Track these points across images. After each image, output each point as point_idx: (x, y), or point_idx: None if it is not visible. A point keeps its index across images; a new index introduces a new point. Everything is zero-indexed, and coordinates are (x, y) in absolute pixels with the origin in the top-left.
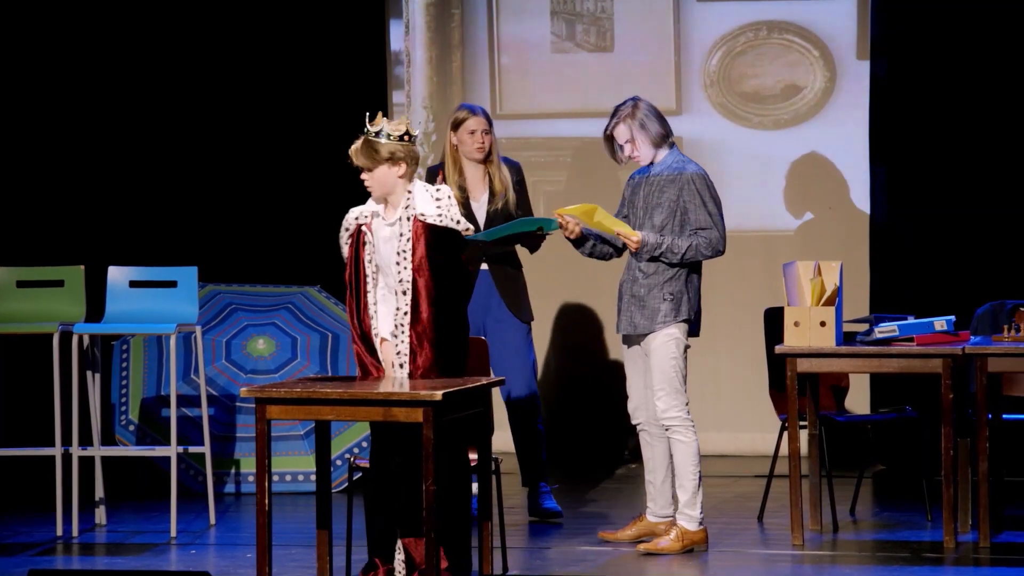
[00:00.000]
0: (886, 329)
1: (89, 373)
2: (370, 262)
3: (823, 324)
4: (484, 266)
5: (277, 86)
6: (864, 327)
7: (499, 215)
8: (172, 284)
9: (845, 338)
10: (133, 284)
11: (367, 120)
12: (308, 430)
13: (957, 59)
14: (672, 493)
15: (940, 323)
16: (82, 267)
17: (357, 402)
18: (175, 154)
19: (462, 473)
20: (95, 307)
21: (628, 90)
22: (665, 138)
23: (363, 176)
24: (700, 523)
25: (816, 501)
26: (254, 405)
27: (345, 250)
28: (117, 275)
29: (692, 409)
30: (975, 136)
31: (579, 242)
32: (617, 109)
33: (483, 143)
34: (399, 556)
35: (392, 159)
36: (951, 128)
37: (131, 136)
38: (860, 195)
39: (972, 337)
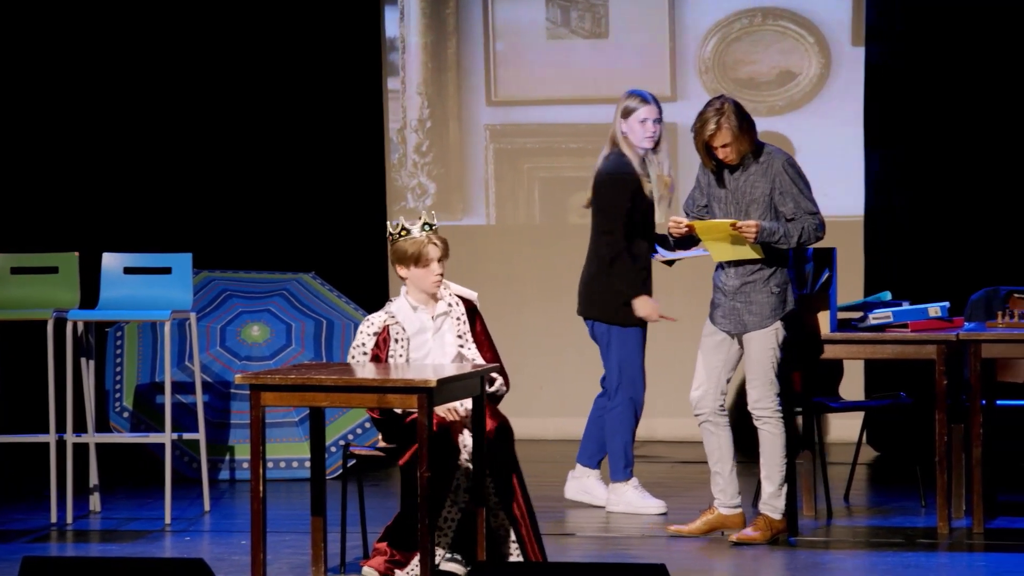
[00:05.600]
0: (880, 315)
1: (83, 360)
2: (394, 358)
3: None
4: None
5: (271, 73)
6: (858, 313)
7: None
8: (166, 271)
9: (839, 324)
10: (127, 271)
11: (405, 223)
12: (302, 417)
13: (952, 45)
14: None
15: (934, 309)
16: (76, 254)
17: (351, 389)
18: (169, 141)
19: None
20: (89, 294)
21: (623, 76)
22: (756, 135)
23: (441, 271)
24: (782, 513)
25: (810, 487)
26: (248, 392)
27: (368, 352)
28: (111, 261)
29: (683, 397)
30: (969, 122)
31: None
32: (707, 115)
33: (654, 132)
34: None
35: None
36: (945, 114)
37: (125, 123)
38: (854, 181)
39: (966, 323)
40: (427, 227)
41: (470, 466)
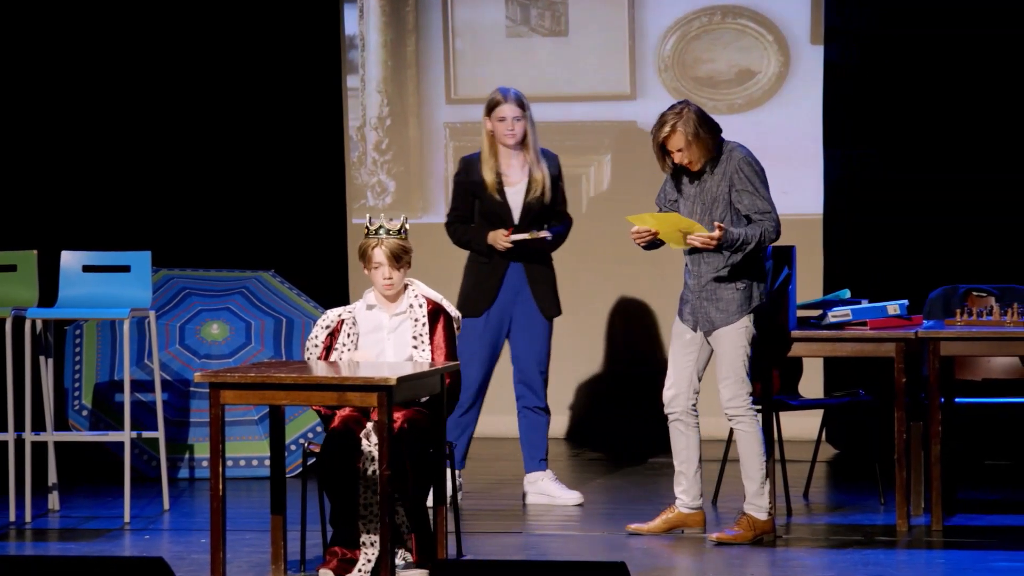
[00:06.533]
0: (840, 313)
1: (42, 358)
2: (338, 351)
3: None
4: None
5: (231, 70)
6: (817, 311)
7: (534, 206)
8: (125, 269)
9: (799, 322)
10: (86, 269)
11: (369, 223)
12: (262, 415)
13: (911, 44)
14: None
15: (893, 307)
16: (35, 252)
17: (311, 387)
18: (128, 138)
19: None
20: (48, 292)
21: (582, 74)
22: (717, 142)
23: (389, 276)
24: (768, 513)
25: (769, 485)
26: (208, 390)
27: (319, 344)
28: (70, 260)
29: (648, 395)
30: (928, 120)
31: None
32: (665, 117)
33: (513, 130)
34: (371, 548)
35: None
36: (904, 112)
37: (83, 121)
38: (814, 179)
39: (925, 321)
40: (382, 231)
41: (375, 453)
